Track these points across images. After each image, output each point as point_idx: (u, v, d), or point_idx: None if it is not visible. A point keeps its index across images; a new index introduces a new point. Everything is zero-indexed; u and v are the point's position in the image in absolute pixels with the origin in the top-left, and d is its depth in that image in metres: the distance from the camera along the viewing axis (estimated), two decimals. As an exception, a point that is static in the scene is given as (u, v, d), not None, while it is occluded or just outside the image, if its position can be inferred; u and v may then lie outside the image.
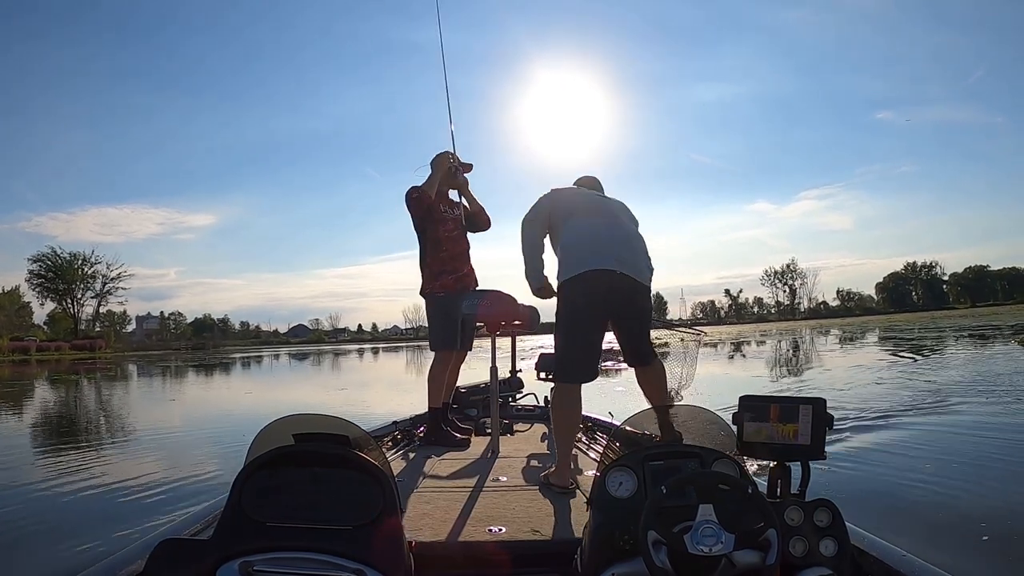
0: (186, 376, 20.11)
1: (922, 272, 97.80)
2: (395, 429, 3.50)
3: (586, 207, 2.56)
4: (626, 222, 2.57)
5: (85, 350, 52.50)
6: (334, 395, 11.60)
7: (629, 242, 2.48)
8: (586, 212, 2.53)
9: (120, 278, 68.98)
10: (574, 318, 2.39)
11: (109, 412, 10.45)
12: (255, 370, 23.21)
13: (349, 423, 1.52)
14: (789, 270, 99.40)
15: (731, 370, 13.22)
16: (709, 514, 1.20)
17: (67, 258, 66.06)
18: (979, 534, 2.66)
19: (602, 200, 2.65)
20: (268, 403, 10.77)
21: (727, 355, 18.34)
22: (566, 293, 2.41)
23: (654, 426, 1.66)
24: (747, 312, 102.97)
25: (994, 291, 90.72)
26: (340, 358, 30.65)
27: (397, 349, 43.18)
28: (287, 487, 1.31)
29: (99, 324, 70.95)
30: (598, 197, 2.68)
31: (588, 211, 2.53)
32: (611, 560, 1.32)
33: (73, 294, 66.73)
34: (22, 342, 50.50)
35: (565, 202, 2.60)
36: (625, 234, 2.50)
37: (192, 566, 1.21)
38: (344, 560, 1.21)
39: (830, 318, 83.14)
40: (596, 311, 2.37)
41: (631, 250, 2.46)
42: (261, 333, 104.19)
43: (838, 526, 1.33)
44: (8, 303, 61.32)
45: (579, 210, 2.54)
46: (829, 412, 1.43)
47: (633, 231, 2.56)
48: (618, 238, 2.45)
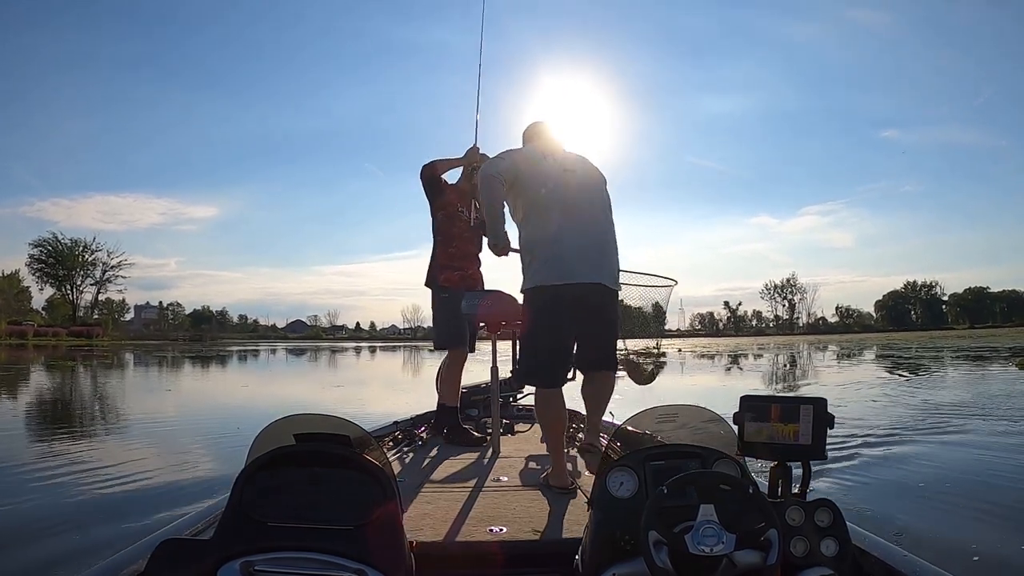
0: (183, 367, 20.09)
1: (922, 291, 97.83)
2: (396, 429, 3.50)
3: (556, 193, 2.36)
4: (598, 213, 2.44)
5: (82, 337, 52.37)
6: (331, 392, 11.60)
7: (601, 244, 2.39)
8: (558, 203, 2.35)
9: (120, 266, 69.04)
10: (541, 323, 2.35)
11: (105, 402, 10.43)
12: (252, 364, 23.21)
13: (350, 423, 1.52)
14: (789, 284, 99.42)
15: (729, 382, 13.22)
16: (710, 514, 1.20)
17: (68, 244, 66.14)
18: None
19: (571, 177, 2.42)
20: (265, 398, 10.76)
21: (724, 367, 18.34)
22: (532, 299, 2.36)
23: (655, 426, 1.66)
24: (746, 325, 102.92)
25: (993, 313, 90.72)
26: (337, 355, 30.64)
27: (395, 349, 43.20)
28: (288, 487, 1.31)
29: (97, 311, 70.92)
30: (563, 173, 2.42)
31: (559, 201, 2.35)
32: (612, 560, 1.31)
33: (73, 280, 66.72)
34: (20, 326, 50.35)
35: (531, 172, 2.39)
36: (598, 234, 2.40)
37: (193, 566, 1.21)
38: (345, 560, 1.21)
39: (828, 334, 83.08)
40: (563, 319, 2.33)
41: (602, 252, 2.38)
42: (259, 327, 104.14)
43: (839, 526, 1.33)
44: (7, 287, 61.26)
45: (549, 198, 2.35)
46: (830, 412, 1.43)
47: (604, 225, 2.44)
48: (591, 244, 2.36)
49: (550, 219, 2.34)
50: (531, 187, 2.39)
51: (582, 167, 2.51)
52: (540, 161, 2.44)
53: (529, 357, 2.46)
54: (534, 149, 2.54)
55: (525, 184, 2.40)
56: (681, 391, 10.76)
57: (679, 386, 11.76)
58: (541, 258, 2.32)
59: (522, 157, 2.45)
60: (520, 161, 2.42)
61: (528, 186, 2.39)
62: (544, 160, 2.45)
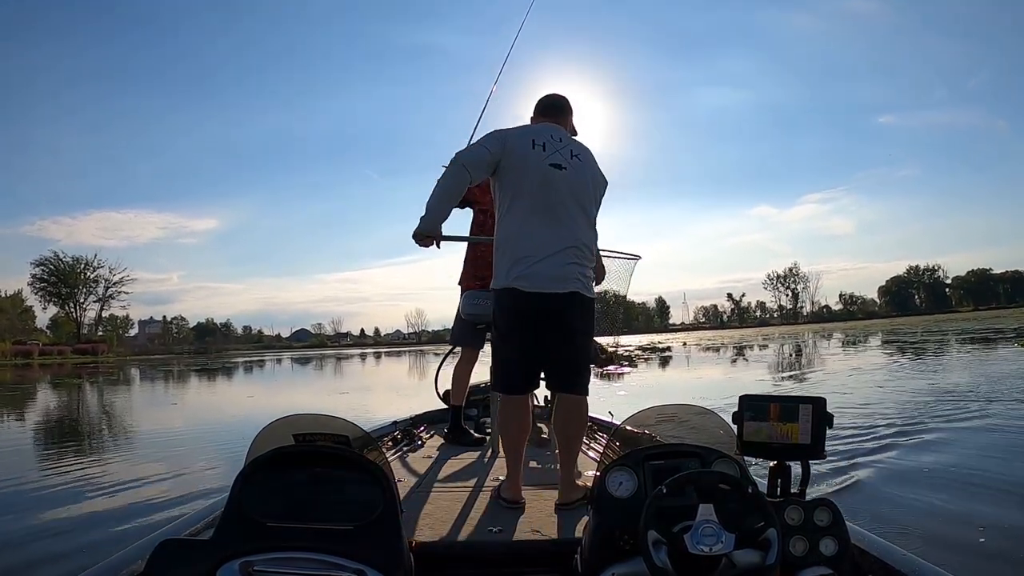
0: (189, 380, 20.14)
1: (925, 276, 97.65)
2: (395, 429, 3.50)
3: (544, 189, 2.14)
4: (584, 216, 2.21)
5: (88, 354, 52.65)
6: (336, 399, 11.61)
7: (580, 250, 2.17)
8: (544, 200, 2.14)
9: (123, 282, 69.33)
10: (508, 325, 2.19)
11: (112, 415, 10.47)
12: (258, 374, 23.24)
13: (349, 423, 1.52)
14: (792, 274, 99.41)
15: (733, 373, 13.19)
16: (709, 514, 1.19)
17: (70, 262, 66.45)
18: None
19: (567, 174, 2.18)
20: (270, 407, 10.76)
21: (729, 359, 18.31)
22: (500, 300, 2.19)
23: (654, 426, 1.66)
24: (750, 316, 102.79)
25: (996, 295, 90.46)
26: (343, 362, 30.67)
27: (400, 354, 43.19)
28: (287, 487, 1.31)
29: (101, 328, 71.22)
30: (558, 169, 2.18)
31: (546, 198, 2.14)
32: (611, 560, 1.31)
33: (76, 298, 66.95)
34: (25, 346, 50.62)
35: (522, 162, 2.16)
36: (578, 238, 2.17)
37: (192, 566, 1.20)
38: (344, 560, 1.20)
39: (833, 322, 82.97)
40: (529, 324, 2.14)
41: (580, 258, 2.17)
42: (263, 337, 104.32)
43: (838, 525, 1.33)
44: (11, 307, 61.50)
45: (535, 194, 2.14)
46: (829, 412, 1.43)
47: (588, 231, 2.22)
48: (570, 248, 2.14)
49: (528, 219, 2.14)
50: (515, 180, 2.17)
51: (580, 164, 2.24)
52: (532, 151, 2.17)
53: (497, 362, 2.29)
54: (531, 136, 2.22)
55: (509, 175, 2.17)
56: (684, 387, 10.76)
57: (682, 381, 11.74)
58: (513, 259, 2.14)
59: (514, 142, 2.18)
60: (510, 147, 2.17)
61: (512, 178, 2.17)
62: (537, 151, 2.18)
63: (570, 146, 2.25)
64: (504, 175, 2.18)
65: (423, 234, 2.17)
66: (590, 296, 2.21)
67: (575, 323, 2.16)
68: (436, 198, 2.16)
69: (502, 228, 2.21)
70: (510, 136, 2.21)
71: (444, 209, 2.19)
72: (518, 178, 2.17)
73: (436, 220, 2.17)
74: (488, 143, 2.19)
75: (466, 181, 2.15)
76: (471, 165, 2.14)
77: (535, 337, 2.15)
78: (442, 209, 2.18)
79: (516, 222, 2.16)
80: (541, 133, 2.24)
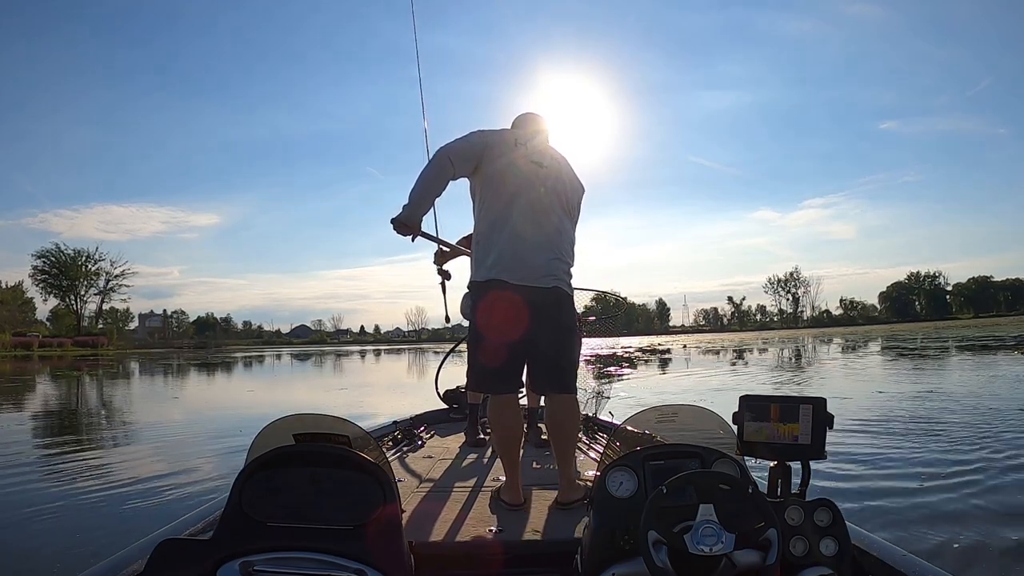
0: (188, 375, 20.15)
1: (925, 282, 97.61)
2: (395, 429, 3.50)
3: (523, 185, 2.16)
4: (563, 215, 2.22)
5: (87, 347, 52.61)
6: (335, 396, 11.61)
7: (559, 247, 2.17)
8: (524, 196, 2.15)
9: (123, 276, 69.34)
10: (490, 319, 2.13)
11: (111, 409, 10.47)
12: (257, 370, 23.23)
13: (349, 423, 1.52)
14: (792, 278, 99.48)
15: (734, 374, 13.18)
16: (709, 514, 1.19)
17: (71, 255, 66.36)
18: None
19: (544, 172, 2.21)
20: (270, 402, 10.77)
21: (729, 362, 18.30)
22: (481, 292, 2.14)
23: (655, 426, 1.66)
24: (750, 320, 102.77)
25: (997, 302, 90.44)
26: (342, 359, 30.66)
27: (400, 351, 43.20)
28: (287, 487, 1.31)
29: (102, 321, 71.20)
30: (537, 167, 2.21)
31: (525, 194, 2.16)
32: (611, 560, 1.31)
33: (76, 291, 66.93)
34: (24, 338, 50.59)
35: (501, 158, 2.17)
36: (558, 236, 2.18)
37: (192, 566, 1.20)
38: (344, 560, 1.20)
39: (833, 327, 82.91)
40: (512, 317, 2.09)
41: (559, 254, 2.17)
42: (263, 333, 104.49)
43: (839, 526, 1.33)
44: (11, 298, 61.52)
45: (515, 188, 2.15)
46: (829, 412, 1.43)
47: (567, 232, 2.23)
48: (550, 243, 2.15)
49: (511, 212, 2.13)
50: (497, 174, 2.17)
51: (559, 166, 2.28)
52: (514, 148, 2.20)
53: (476, 360, 2.17)
54: (513, 135, 2.28)
55: (492, 170, 2.17)
56: (685, 387, 10.75)
57: (682, 383, 11.74)
58: (496, 251, 2.11)
59: (496, 140, 2.20)
60: (492, 144, 2.18)
61: (494, 173, 2.17)
62: (519, 148, 2.21)
63: (549, 149, 2.30)
64: (486, 170, 2.18)
65: (402, 223, 2.15)
66: (570, 293, 2.20)
67: (561, 318, 2.14)
68: (419, 191, 2.15)
69: (483, 221, 2.18)
70: (492, 133, 2.23)
71: (426, 202, 2.18)
72: (500, 173, 2.17)
73: (417, 212, 2.16)
74: (471, 138, 2.20)
75: (449, 174, 2.15)
76: (456, 157, 2.14)
77: (519, 331, 2.09)
78: (424, 202, 2.17)
79: (499, 216, 2.14)
80: (521, 134, 2.28)
